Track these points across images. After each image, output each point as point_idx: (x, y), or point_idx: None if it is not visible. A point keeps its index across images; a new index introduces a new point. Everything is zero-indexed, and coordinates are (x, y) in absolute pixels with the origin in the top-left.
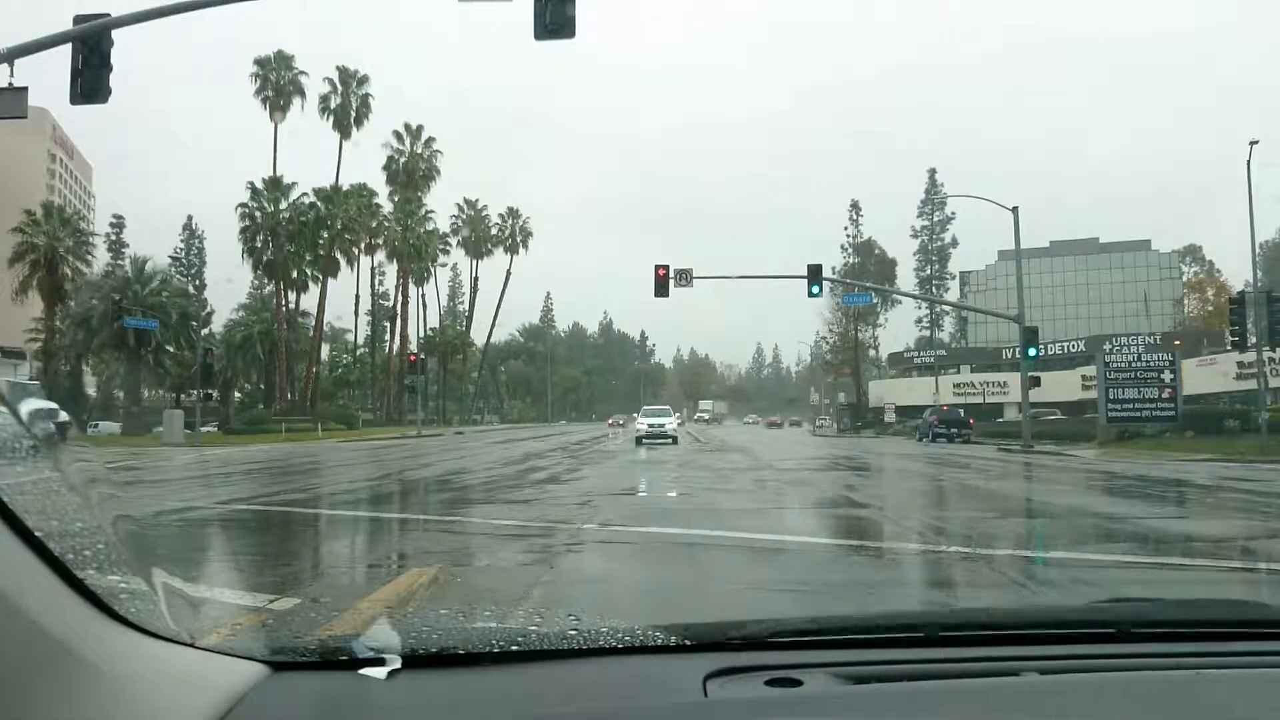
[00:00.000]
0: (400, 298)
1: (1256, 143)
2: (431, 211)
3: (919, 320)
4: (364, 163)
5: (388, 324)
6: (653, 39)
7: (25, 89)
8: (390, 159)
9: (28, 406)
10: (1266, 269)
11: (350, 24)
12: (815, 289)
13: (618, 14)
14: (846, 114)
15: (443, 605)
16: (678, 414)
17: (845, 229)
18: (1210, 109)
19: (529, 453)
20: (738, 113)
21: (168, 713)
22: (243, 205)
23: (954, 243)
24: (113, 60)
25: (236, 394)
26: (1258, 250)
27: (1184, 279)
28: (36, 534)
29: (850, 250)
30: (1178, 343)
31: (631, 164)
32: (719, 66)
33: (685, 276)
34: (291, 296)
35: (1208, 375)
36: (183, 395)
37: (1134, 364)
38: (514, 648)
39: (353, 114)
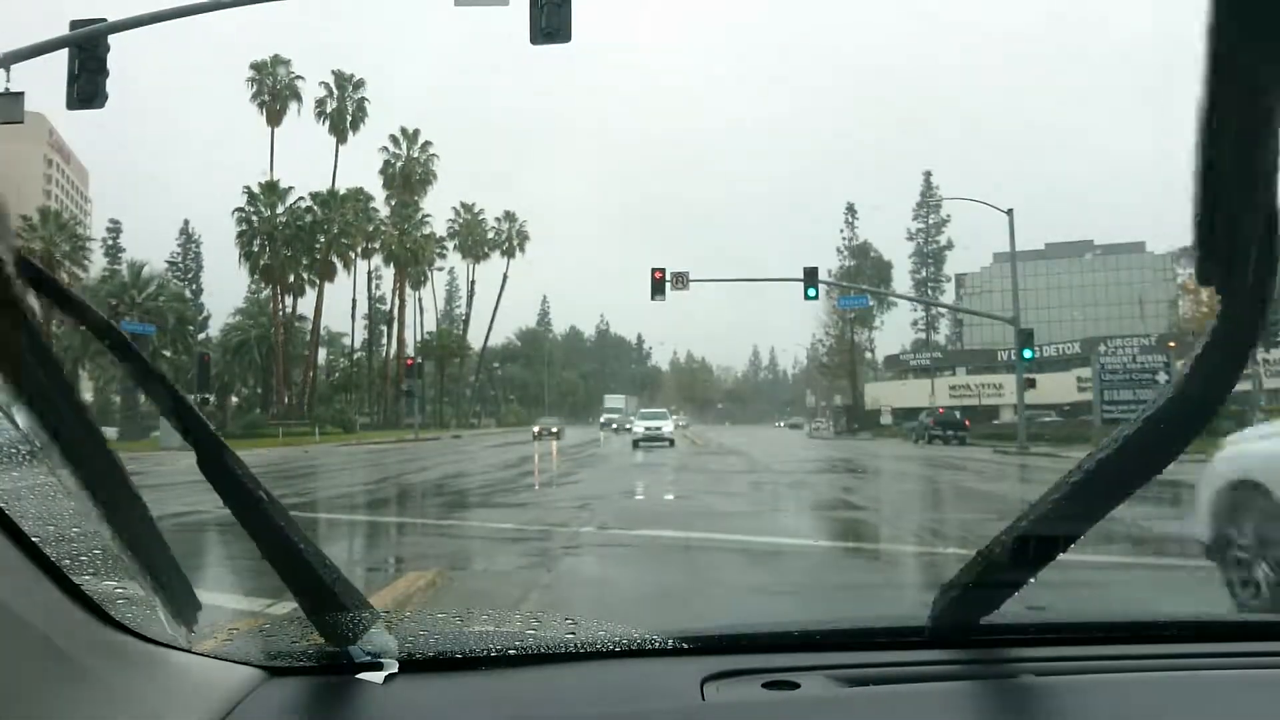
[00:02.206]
0: (397, 302)
1: None
2: (428, 215)
3: (915, 323)
4: (360, 167)
5: (384, 328)
6: (651, 42)
7: (22, 94)
8: (387, 163)
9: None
10: None
11: (346, 27)
12: (811, 292)
13: (615, 17)
14: (843, 116)
15: (440, 609)
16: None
17: (841, 231)
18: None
19: (526, 456)
20: (736, 115)
21: (164, 718)
22: (239, 210)
23: (949, 245)
24: (109, 65)
25: (234, 398)
26: None
27: (1179, 281)
28: (33, 540)
29: (846, 253)
30: (1173, 344)
31: (628, 167)
32: (717, 69)
33: (681, 279)
34: (288, 301)
35: None
36: None
37: (1129, 366)
38: (511, 651)
39: (349, 118)
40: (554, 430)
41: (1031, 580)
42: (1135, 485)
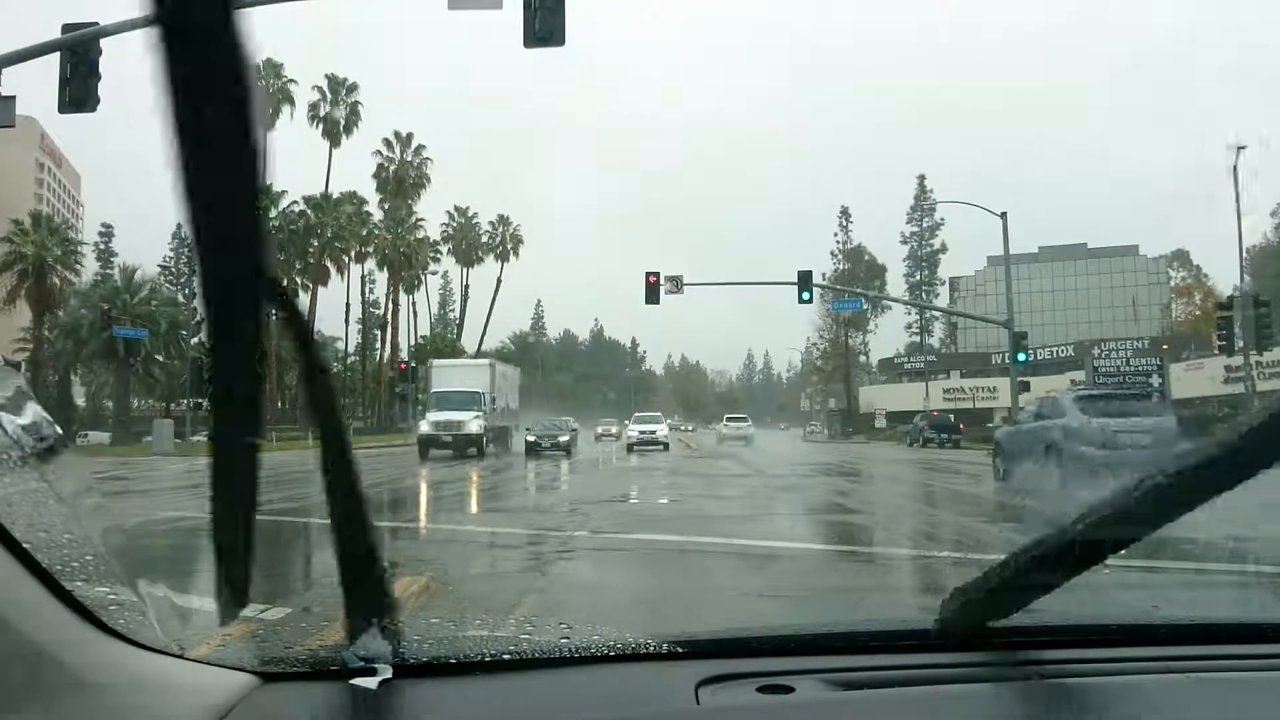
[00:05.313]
0: (390, 306)
1: (1244, 148)
2: (422, 219)
3: (909, 326)
4: (354, 170)
5: (378, 332)
6: (647, 45)
7: (13, 98)
8: (380, 166)
9: (25, 417)
10: (1253, 273)
11: (339, 28)
12: (805, 295)
13: (611, 20)
14: (839, 119)
15: (434, 614)
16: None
17: (835, 235)
18: (1197, 113)
19: (520, 460)
20: (733, 119)
21: None
22: None
23: (943, 248)
24: (101, 69)
25: None
26: (1245, 255)
27: (1172, 284)
28: (24, 546)
29: (840, 256)
30: (1165, 347)
31: (623, 171)
32: (712, 72)
33: (676, 283)
34: None
35: (1195, 379)
36: (172, 405)
37: (1122, 368)
38: (505, 657)
39: (342, 122)
40: None
41: (1063, 584)
42: (1208, 497)
